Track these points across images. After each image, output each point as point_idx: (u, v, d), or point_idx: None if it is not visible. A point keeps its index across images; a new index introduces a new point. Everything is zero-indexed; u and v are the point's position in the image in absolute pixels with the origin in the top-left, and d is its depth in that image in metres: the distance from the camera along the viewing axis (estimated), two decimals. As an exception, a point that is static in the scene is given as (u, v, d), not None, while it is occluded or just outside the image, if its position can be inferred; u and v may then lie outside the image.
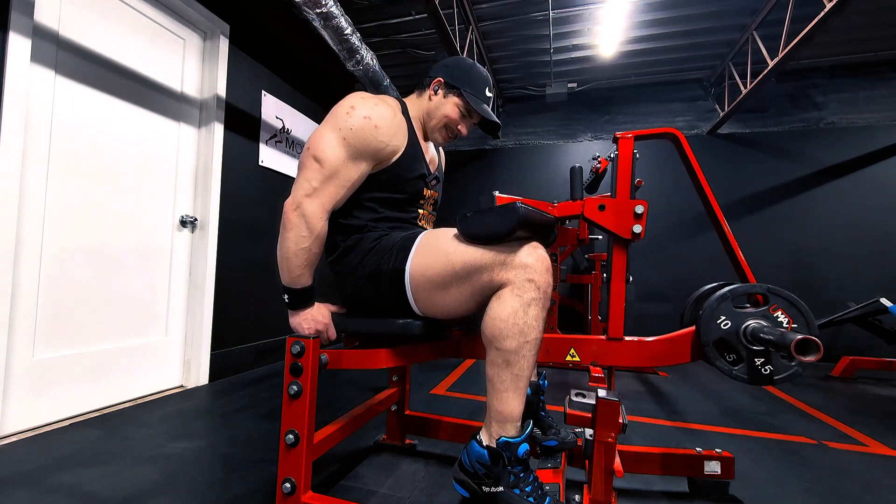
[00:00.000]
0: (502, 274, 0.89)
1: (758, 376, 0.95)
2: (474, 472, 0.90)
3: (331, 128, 1.00)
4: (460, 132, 1.18)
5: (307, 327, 1.02)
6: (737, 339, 0.96)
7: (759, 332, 0.91)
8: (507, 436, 0.89)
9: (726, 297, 0.98)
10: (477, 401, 2.07)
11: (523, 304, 0.88)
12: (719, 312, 0.98)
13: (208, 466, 1.30)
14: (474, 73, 1.14)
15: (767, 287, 0.97)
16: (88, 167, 1.76)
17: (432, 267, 0.95)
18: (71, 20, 1.70)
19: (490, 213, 0.90)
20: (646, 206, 1.06)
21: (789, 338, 0.78)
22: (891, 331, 2.84)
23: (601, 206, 1.08)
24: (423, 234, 1.03)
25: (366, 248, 1.05)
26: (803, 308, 0.96)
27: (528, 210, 0.87)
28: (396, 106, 1.11)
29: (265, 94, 2.71)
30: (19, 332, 1.52)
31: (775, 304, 0.96)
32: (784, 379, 0.94)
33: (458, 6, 3.05)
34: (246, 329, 2.56)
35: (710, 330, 0.98)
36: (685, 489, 1.24)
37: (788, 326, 0.95)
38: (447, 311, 0.99)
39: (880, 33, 3.35)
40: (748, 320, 0.96)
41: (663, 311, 3.90)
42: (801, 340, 0.76)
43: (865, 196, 3.59)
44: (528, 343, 0.89)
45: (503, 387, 0.90)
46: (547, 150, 4.46)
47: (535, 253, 0.90)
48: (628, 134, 1.12)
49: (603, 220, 1.09)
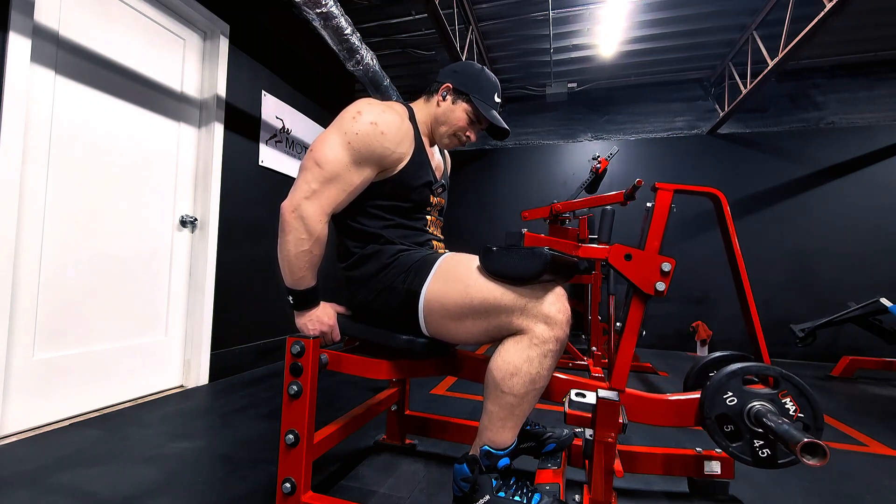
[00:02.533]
0: (522, 320, 0.88)
1: (756, 459, 0.95)
2: (462, 493, 0.90)
3: (336, 132, 0.99)
4: (469, 138, 1.17)
5: (312, 328, 1.02)
6: (740, 418, 0.95)
7: (764, 418, 0.89)
8: (492, 448, 0.90)
9: (737, 375, 0.97)
10: (477, 401, 2.07)
11: (539, 356, 0.87)
12: (727, 388, 0.96)
13: (208, 466, 1.30)
14: (483, 79, 1.13)
15: (780, 372, 0.96)
16: (88, 167, 1.76)
17: (449, 296, 0.94)
18: (71, 20, 1.70)
19: (517, 255, 0.88)
20: (673, 264, 1.01)
21: (797, 438, 0.76)
22: (891, 331, 2.84)
23: (628, 256, 1.04)
24: (443, 258, 1.01)
25: (383, 263, 1.03)
26: (813, 399, 0.93)
27: (556, 255, 0.86)
28: (404, 112, 1.09)
29: (265, 94, 2.71)
30: (19, 331, 1.52)
31: (785, 391, 0.94)
32: (783, 465, 0.93)
33: (458, 6, 3.05)
34: (246, 329, 2.56)
35: (715, 404, 0.96)
36: (685, 489, 1.23)
37: (794, 415, 0.94)
38: (456, 339, 0.99)
39: (880, 33, 3.35)
40: (754, 402, 0.94)
41: (664, 311, 3.90)
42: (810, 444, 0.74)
43: (865, 196, 3.59)
44: (535, 389, 0.89)
45: (500, 423, 0.90)
46: (547, 150, 4.46)
47: (558, 304, 0.89)
48: (669, 186, 1.06)
49: (627, 272, 1.04)
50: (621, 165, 4.17)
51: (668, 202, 1.07)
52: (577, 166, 4.29)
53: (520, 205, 4.04)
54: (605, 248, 1.07)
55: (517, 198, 4.43)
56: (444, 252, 1.09)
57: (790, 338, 3.13)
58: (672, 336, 3.90)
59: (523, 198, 4.38)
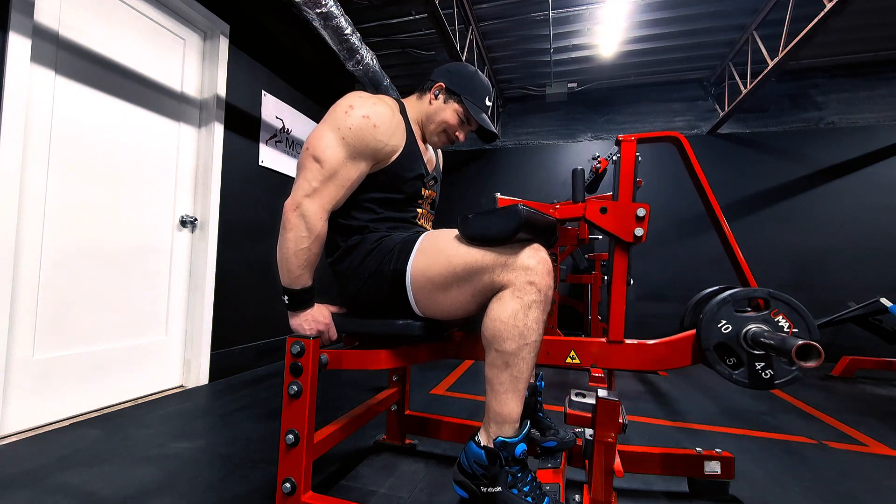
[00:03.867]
0: (503, 275, 0.89)
1: (758, 380, 0.95)
2: (472, 472, 0.90)
3: (330, 127, 0.99)
4: (457, 138, 1.19)
5: (308, 328, 1.02)
6: (737, 343, 0.96)
7: (760, 337, 0.90)
8: (505, 436, 0.89)
9: (727, 301, 0.98)
10: (477, 401, 2.07)
11: (524, 307, 0.88)
12: (720, 316, 0.97)
13: (208, 466, 1.30)
14: (476, 81, 1.15)
15: (769, 291, 0.97)
16: (88, 167, 1.76)
17: (433, 268, 0.96)
18: (71, 20, 1.70)
19: (492, 215, 0.89)
20: (647, 209, 1.05)
21: (790, 343, 0.78)
22: (891, 331, 2.84)
23: (603, 209, 1.08)
24: (424, 236, 1.03)
25: (367, 250, 1.05)
26: (804, 313, 0.95)
27: (530, 212, 0.87)
28: (395, 106, 1.11)
29: (265, 94, 2.71)
30: (19, 331, 1.52)
31: (776, 309, 0.96)
32: (785, 383, 0.94)
33: (458, 6, 3.05)
34: (246, 329, 2.56)
35: (711, 334, 0.97)
36: (685, 489, 1.24)
37: (789, 331, 0.95)
38: (448, 312, 0.99)
39: (880, 33, 3.35)
40: (749, 325, 0.95)
41: (664, 310, 3.90)
42: (803, 346, 0.76)
43: (865, 196, 3.59)
44: (527, 345, 0.89)
45: (502, 388, 0.90)
46: (547, 149, 4.46)
47: (536, 255, 0.90)
48: (631, 137, 1.11)
49: (604, 223, 1.08)
50: (621, 165, 4.16)
51: (632, 152, 1.10)
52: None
53: (520, 205, 4.04)
54: (580, 205, 1.08)
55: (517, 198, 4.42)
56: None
57: (790, 338, 3.12)
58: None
59: (523, 197, 4.36)
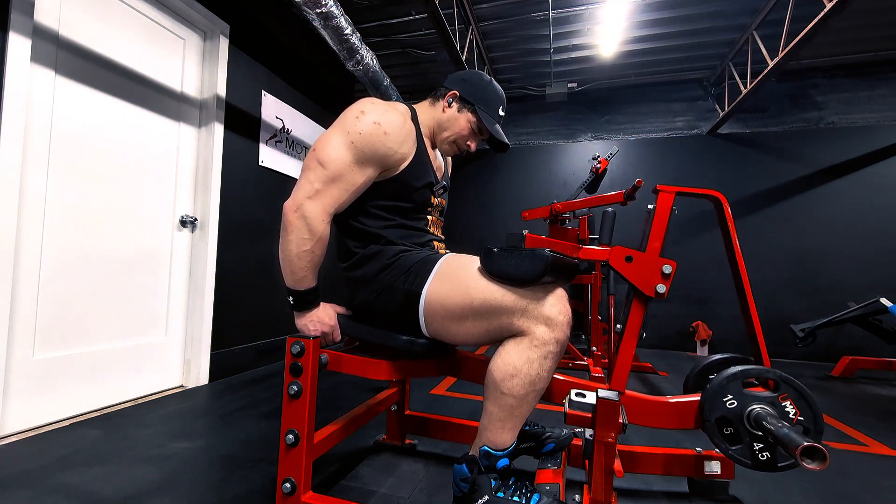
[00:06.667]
0: (522, 322, 0.88)
1: (755, 461, 0.95)
2: (462, 494, 0.90)
3: (339, 131, 0.98)
4: (469, 148, 1.17)
5: (313, 329, 1.02)
6: (740, 421, 0.95)
7: (764, 421, 0.89)
8: (491, 448, 0.90)
9: (737, 377, 0.96)
10: (477, 401, 2.07)
11: (539, 357, 0.87)
12: (727, 391, 0.96)
13: (208, 466, 1.30)
14: (490, 91, 1.14)
15: (780, 375, 0.95)
16: (88, 167, 1.76)
17: (450, 297, 0.94)
18: (71, 20, 1.70)
19: (517, 256, 0.88)
20: (674, 266, 1.01)
21: (796, 441, 0.76)
22: (891, 331, 2.84)
23: (628, 258, 1.04)
24: (443, 259, 1.01)
25: (384, 264, 1.03)
26: (812, 402, 0.93)
27: (556, 257, 0.86)
28: (406, 113, 1.09)
29: (265, 94, 2.71)
30: (19, 331, 1.52)
31: (785, 394, 0.94)
32: (783, 468, 0.93)
33: (458, 6, 3.05)
34: (246, 329, 2.56)
35: (715, 406, 0.96)
36: (685, 489, 1.23)
37: (794, 418, 0.94)
38: (456, 339, 0.99)
39: (880, 33, 3.35)
40: (754, 405, 0.94)
41: (664, 310, 3.90)
42: (809, 448, 0.74)
43: (865, 196, 3.59)
44: (535, 391, 0.89)
45: (500, 424, 0.90)
46: (547, 149, 4.46)
47: (558, 304, 0.89)
48: (670, 188, 1.06)
49: (628, 273, 1.04)
50: (621, 165, 4.17)
51: (669, 204, 1.07)
52: (577, 166, 4.29)
53: (520, 205, 4.04)
54: (606, 250, 1.07)
55: (517, 198, 4.44)
56: (444, 252, 1.09)
57: (790, 338, 3.13)
58: (672, 336, 3.90)
59: (523, 198, 4.38)
